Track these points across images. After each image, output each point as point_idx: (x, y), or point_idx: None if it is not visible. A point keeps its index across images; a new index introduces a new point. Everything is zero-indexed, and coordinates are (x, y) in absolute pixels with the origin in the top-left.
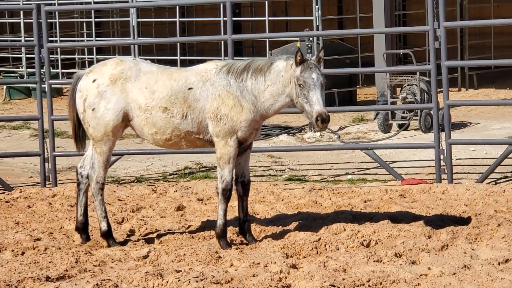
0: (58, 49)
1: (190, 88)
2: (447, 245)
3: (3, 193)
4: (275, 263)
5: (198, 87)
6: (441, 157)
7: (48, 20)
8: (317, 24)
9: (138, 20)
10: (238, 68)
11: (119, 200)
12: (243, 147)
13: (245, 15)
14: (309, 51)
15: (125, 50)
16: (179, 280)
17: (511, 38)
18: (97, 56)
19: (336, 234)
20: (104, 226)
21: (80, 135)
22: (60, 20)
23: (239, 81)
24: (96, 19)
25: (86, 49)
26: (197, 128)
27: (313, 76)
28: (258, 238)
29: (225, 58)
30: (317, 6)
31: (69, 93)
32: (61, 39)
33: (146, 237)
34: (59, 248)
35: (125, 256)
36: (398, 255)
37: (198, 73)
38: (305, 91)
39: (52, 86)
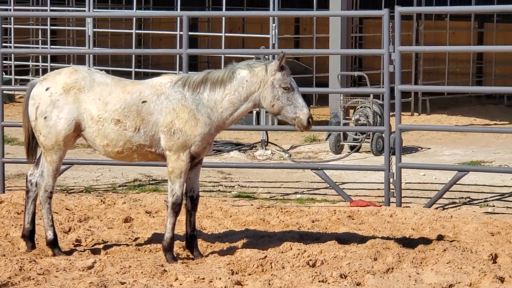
0: (12, 55)
1: (144, 102)
2: (393, 268)
3: None
4: (220, 279)
5: (152, 101)
6: (391, 180)
7: (3, 26)
8: (274, 42)
9: (94, 30)
10: (194, 81)
11: (67, 209)
12: (194, 162)
13: (202, 30)
14: None
15: (80, 60)
16: None
17: (465, 65)
18: (52, 64)
19: (282, 252)
20: (50, 235)
21: (32, 146)
22: (15, 26)
23: (195, 95)
24: (52, 27)
25: (40, 56)
26: (149, 141)
27: (292, 79)
28: (204, 253)
29: (180, 72)
30: (274, 25)
31: (24, 102)
32: (15, 45)
33: (93, 247)
34: (4, 255)
35: (70, 266)
36: (343, 276)
37: (152, 86)
38: (289, 94)
39: (4, 92)
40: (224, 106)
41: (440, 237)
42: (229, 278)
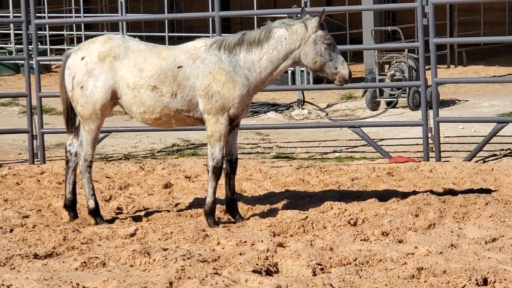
0: (47, 25)
1: (179, 67)
2: (434, 224)
3: None
4: (262, 241)
5: (188, 65)
6: (429, 135)
7: None
8: (306, 1)
9: None
10: (229, 43)
11: (107, 177)
12: (232, 125)
13: None
14: None
15: (113, 27)
16: (166, 258)
17: (501, 14)
18: (85, 33)
19: (323, 212)
20: (91, 204)
21: (71, 116)
22: None
23: (231, 56)
24: None
25: (74, 25)
26: (187, 106)
27: (331, 36)
28: (245, 216)
29: (213, 34)
30: None
31: (60, 73)
32: (49, 15)
33: (134, 215)
34: (47, 226)
35: (112, 234)
36: (385, 234)
37: (187, 51)
38: (330, 50)
39: (40, 62)
40: (262, 65)
41: (481, 191)
42: (271, 240)
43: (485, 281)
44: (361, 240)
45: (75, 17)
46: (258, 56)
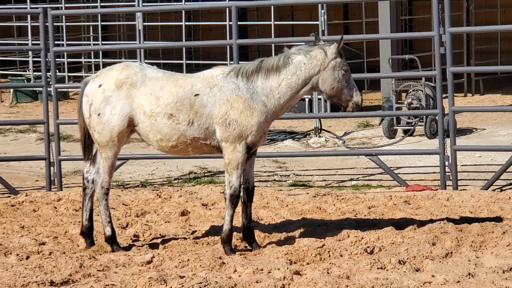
0: (65, 52)
1: (196, 95)
2: (452, 252)
3: (9, 196)
4: (279, 269)
5: (205, 93)
6: (446, 163)
7: (55, 24)
8: (323, 28)
9: (144, 24)
10: (247, 70)
11: (123, 204)
12: (249, 153)
13: (251, 19)
14: None
15: (131, 54)
16: (183, 286)
17: None
18: (103, 60)
19: (340, 240)
20: (108, 231)
21: (88, 143)
22: (66, 23)
23: (249, 84)
24: (103, 23)
25: (92, 52)
26: (204, 134)
27: None
28: (262, 244)
29: (231, 62)
30: (323, 11)
31: (78, 101)
32: (67, 42)
33: (151, 242)
34: (64, 253)
35: (129, 261)
36: (402, 262)
37: (204, 79)
38: (347, 76)
39: (58, 89)
40: (281, 91)
41: (498, 219)
42: (287, 268)
43: None
44: (378, 268)
45: (93, 44)
46: (277, 82)
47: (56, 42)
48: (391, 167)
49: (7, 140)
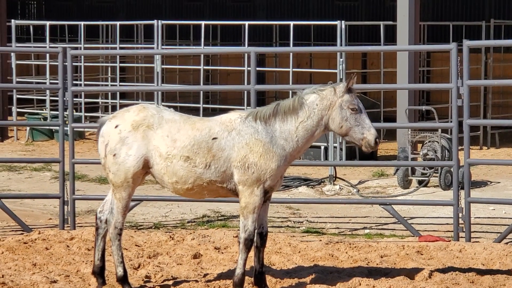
0: (82, 92)
1: (214, 138)
2: None
3: (22, 234)
4: None
5: (223, 137)
6: (460, 215)
7: (74, 64)
8: (341, 77)
9: (163, 66)
10: (265, 114)
11: (136, 245)
12: (265, 198)
13: (270, 66)
14: None
15: (148, 96)
16: None
17: None
18: (121, 101)
19: None
20: (120, 271)
21: None
22: (85, 63)
23: (267, 127)
24: (121, 64)
25: (110, 93)
26: (221, 177)
27: (360, 101)
28: None
29: (248, 107)
30: (341, 59)
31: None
32: (85, 82)
33: (162, 283)
34: None
35: None
36: None
37: (222, 123)
38: (357, 115)
39: (75, 129)
40: (299, 134)
41: (510, 273)
42: None
43: None
44: None
45: (111, 85)
46: (294, 125)
47: (74, 82)
48: (404, 217)
49: (22, 177)
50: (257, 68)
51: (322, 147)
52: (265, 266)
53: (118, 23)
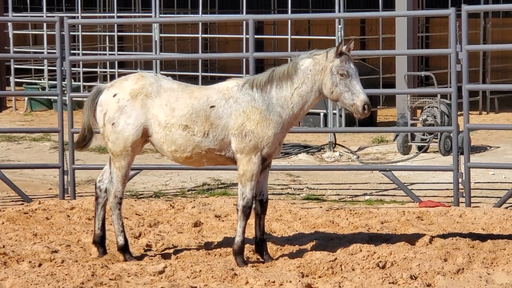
0: (80, 62)
1: (212, 106)
2: (463, 268)
3: (22, 204)
4: (291, 282)
5: (220, 105)
6: (460, 180)
7: (71, 33)
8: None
9: (161, 35)
10: (261, 81)
11: (136, 214)
12: (264, 165)
13: (268, 33)
14: None
15: (147, 65)
16: None
17: None
18: (119, 70)
19: (352, 254)
20: (121, 241)
21: (85, 141)
22: (83, 33)
23: (264, 95)
24: (119, 33)
25: (108, 62)
26: (219, 145)
27: (352, 66)
28: (274, 256)
29: (247, 75)
30: (340, 26)
31: (86, 102)
32: (83, 52)
33: (163, 252)
34: (76, 261)
35: (141, 271)
36: (413, 277)
37: (219, 91)
38: (347, 81)
39: (73, 99)
40: (294, 101)
41: (510, 237)
42: (299, 281)
43: None
44: (389, 283)
45: (109, 54)
46: (290, 92)
47: (71, 51)
48: (404, 183)
49: (21, 148)
50: (256, 36)
51: (322, 114)
52: (266, 233)
53: None
